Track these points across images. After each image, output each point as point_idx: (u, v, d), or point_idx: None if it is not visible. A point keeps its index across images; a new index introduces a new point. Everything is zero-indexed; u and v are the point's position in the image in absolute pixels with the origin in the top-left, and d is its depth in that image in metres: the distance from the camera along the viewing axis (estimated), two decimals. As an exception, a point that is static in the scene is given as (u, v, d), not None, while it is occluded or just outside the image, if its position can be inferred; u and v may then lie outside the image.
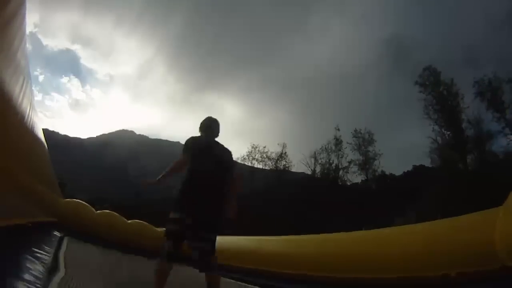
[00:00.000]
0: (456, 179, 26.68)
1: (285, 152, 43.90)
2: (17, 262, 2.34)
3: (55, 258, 3.13)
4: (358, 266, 4.26)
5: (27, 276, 2.06)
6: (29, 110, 2.29)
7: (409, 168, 44.37)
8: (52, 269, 2.60)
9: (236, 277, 5.94)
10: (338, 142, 41.00)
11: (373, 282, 4.01)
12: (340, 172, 40.00)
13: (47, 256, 2.93)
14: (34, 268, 2.29)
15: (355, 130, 40.46)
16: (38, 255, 2.77)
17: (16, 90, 1.81)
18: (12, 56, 1.64)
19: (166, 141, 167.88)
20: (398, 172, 43.93)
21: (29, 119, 2.30)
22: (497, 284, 2.71)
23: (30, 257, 2.59)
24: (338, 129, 41.77)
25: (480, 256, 2.87)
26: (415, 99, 34.54)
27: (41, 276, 2.17)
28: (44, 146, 3.58)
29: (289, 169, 43.74)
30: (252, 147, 44.63)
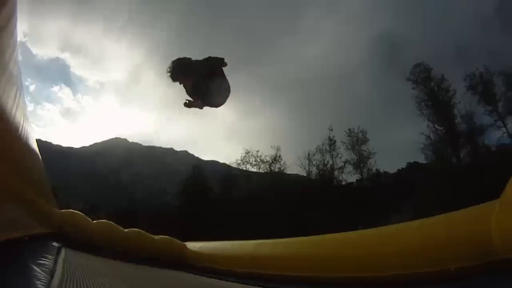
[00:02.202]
0: (451, 174, 26.88)
1: (280, 155, 43.73)
2: (16, 275, 2.31)
3: (54, 269, 3.09)
4: (357, 265, 4.26)
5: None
6: (23, 121, 2.27)
7: (403, 165, 44.76)
8: (50, 280, 2.56)
9: (235, 281, 5.91)
10: (332, 142, 40.99)
11: (372, 280, 4.02)
12: (335, 172, 39.97)
13: (46, 267, 2.89)
14: (33, 281, 2.26)
15: (349, 130, 40.49)
16: (36, 267, 2.74)
17: (10, 101, 1.79)
18: (5, 65, 1.62)
19: (159, 148, 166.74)
20: (392, 170, 44.28)
21: (23, 130, 2.27)
22: (497, 277, 2.73)
23: (28, 269, 2.55)
24: (332, 129, 41.76)
25: (478, 250, 2.89)
26: (408, 96, 34.86)
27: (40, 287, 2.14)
28: (39, 157, 3.54)
29: (284, 172, 43.58)
30: (246, 152, 44.34)
